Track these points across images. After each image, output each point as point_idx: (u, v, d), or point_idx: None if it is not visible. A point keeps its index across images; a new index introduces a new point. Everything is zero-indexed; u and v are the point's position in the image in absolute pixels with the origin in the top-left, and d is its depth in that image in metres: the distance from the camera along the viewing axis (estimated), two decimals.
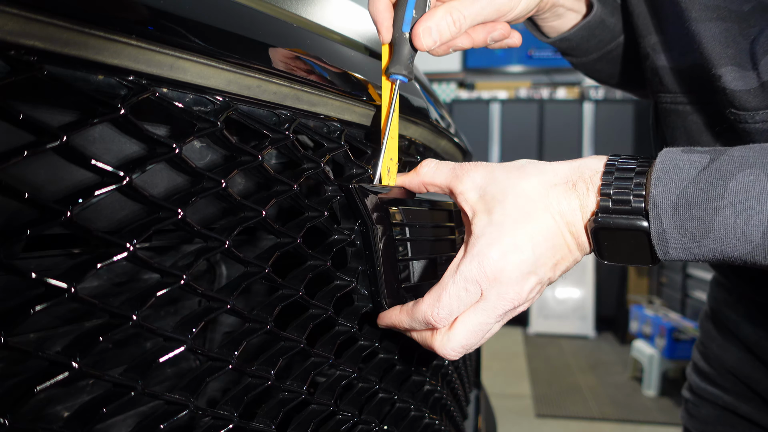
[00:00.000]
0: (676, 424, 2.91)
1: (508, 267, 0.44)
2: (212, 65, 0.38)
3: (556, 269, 0.47)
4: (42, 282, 0.28)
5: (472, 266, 0.45)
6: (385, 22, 0.51)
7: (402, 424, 0.58)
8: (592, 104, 4.89)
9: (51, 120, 0.32)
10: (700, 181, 0.41)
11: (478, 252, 0.45)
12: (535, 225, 0.45)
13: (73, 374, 0.30)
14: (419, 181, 0.52)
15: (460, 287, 0.45)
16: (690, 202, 0.41)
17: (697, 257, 0.43)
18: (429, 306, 0.46)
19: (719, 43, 0.53)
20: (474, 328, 0.46)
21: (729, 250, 0.41)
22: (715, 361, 0.76)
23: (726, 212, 0.40)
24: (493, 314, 0.46)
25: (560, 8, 0.66)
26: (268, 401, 0.45)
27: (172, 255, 0.57)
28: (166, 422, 0.35)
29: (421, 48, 0.50)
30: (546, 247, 0.45)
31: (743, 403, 0.72)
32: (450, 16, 0.50)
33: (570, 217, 0.45)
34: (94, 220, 0.37)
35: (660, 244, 0.43)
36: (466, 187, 0.48)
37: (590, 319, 4.49)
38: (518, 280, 0.45)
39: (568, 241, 0.46)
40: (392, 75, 0.51)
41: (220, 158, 0.44)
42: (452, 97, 5.29)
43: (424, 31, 0.49)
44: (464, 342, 0.46)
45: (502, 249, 0.45)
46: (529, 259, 0.45)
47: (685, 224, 0.41)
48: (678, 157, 0.43)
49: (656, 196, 0.42)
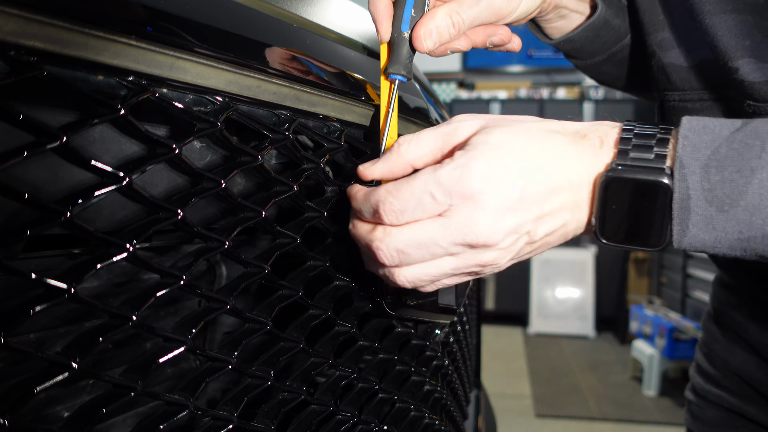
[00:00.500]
0: (675, 424, 2.91)
1: (488, 191, 0.38)
2: (212, 65, 0.38)
3: (539, 223, 0.40)
4: (42, 282, 0.28)
5: (452, 174, 0.39)
6: (385, 21, 0.50)
7: (402, 424, 0.58)
8: (592, 104, 4.89)
9: (51, 120, 0.32)
10: (734, 140, 0.37)
11: (463, 163, 0.39)
12: (532, 162, 0.39)
13: (73, 375, 0.30)
14: (404, 162, 0.44)
15: (428, 189, 0.39)
16: (722, 163, 0.37)
17: (717, 237, 0.38)
18: (386, 192, 0.41)
19: (735, 35, 0.51)
20: (421, 240, 0.40)
21: (758, 224, 0.36)
22: (719, 362, 0.75)
23: (764, 173, 0.36)
24: (450, 238, 0.39)
25: (563, 10, 0.65)
26: (268, 401, 0.45)
27: (172, 255, 0.57)
28: (166, 422, 0.35)
29: (421, 50, 0.50)
30: (537, 191, 0.39)
31: (750, 406, 0.70)
32: (450, 18, 0.49)
33: (573, 165, 0.40)
34: (94, 221, 0.37)
35: (681, 214, 0.38)
36: (464, 134, 0.42)
37: (590, 319, 4.49)
38: (496, 212, 0.38)
39: (565, 193, 0.40)
40: (391, 75, 0.51)
41: (220, 159, 0.44)
42: (452, 97, 5.29)
43: (425, 33, 0.49)
44: (402, 246, 0.40)
45: (491, 169, 0.39)
46: (514, 194, 0.39)
47: (715, 189, 0.37)
48: (706, 120, 0.39)
49: (683, 155, 0.38)
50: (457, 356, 0.82)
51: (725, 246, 0.38)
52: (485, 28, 0.56)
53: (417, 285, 0.43)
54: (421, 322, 0.64)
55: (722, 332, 0.75)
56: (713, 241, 0.38)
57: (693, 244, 0.39)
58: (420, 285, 0.43)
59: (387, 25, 0.50)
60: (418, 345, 0.63)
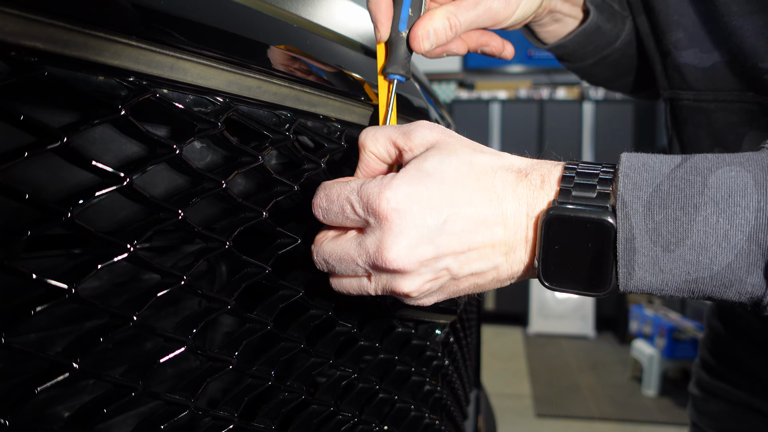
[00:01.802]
0: (676, 423, 2.91)
1: (405, 216, 0.37)
2: (212, 66, 0.38)
3: (463, 261, 0.38)
4: (42, 282, 0.28)
5: (373, 189, 0.37)
6: (385, 21, 0.50)
7: (402, 424, 0.58)
8: (592, 104, 4.89)
9: (51, 121, 0.32)
10: (675, 177, 0.36)
11: (387, 182, 0.37)
12: (463, 196, 0.38)
13: (73, 375, 0.30)
14: (366, 152, 0.43)
15: (350, 198, 0.38)
16: (665, 201, 0.36)
17: (664, 280, 0.36)
18: (322, 187, 0.40)
19: (764, 35, 0.51)
20: (340, 255, 0.39)
21: (705, 263, 0.35)
22: (724, 357, 0.76)
23: (708, 210, 0.35)
24: (363, 258, 0.38)
25: (557, 14, 0.66)
26: (269, 401, 0.45)
27: (173, 255, 0.57)
28: (166, 422, 0.35)
29: (418, 51, 0.50)
30: (462, 227, 0.37)
31: (757, 398, 0.71)
32: (447, 20, 0.50)
33: (510, 206, 0.38)
34: (95, 221, 0.37)
35: (626, 255, 0.36)
36: (415, 143, 0.41)
37: (590, 319, 4.49)
38: (409, 240, 0.37)
39: (497, 232, 0.38)
40: (390, 75, 0.51)
41: (221, 159, 0.44)
42: (452, 97, 5.29)
43: (423, 34, 0.49)
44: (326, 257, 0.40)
45: (412, 195, 0.37)
46: (431, 224, 0.37)
47: (659, 227, 0.35)
48: (645, 157, 0.38)
49: (625, 194, 0.36)
50: (457, 356, 0.82)
51: (672, 288, 0.37)
52: (480, 35, 0.57)
53: (351, 294, 0.42)
54: (422, 322, 0.64)
55: (726, 327, 0.76)
56: (660, 284, 0.37)
57: (639, 287, 0.37)
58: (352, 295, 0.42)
59: (387, 25, 0.51)
60: (419, 345, 0.63)
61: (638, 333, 3.58)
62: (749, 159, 0.36)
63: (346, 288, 0.42)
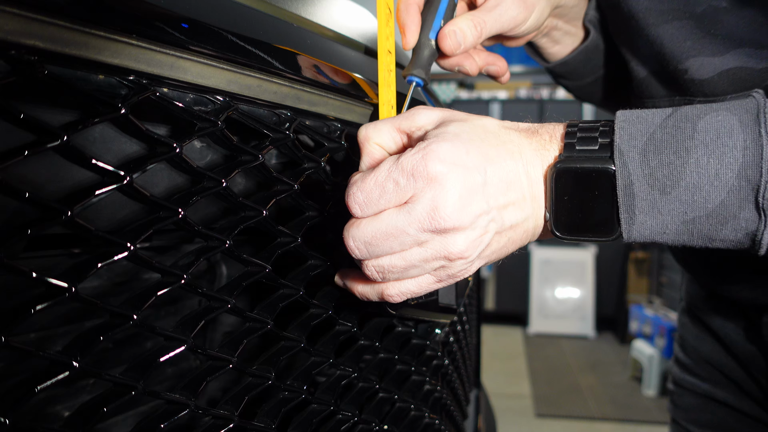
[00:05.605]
0: None
1: (453, 173, 0.37)
2: (213, 65, 0.38)
3: (504, 212, 0.40)
4: (43, 281, 0.28)
5: (414, 157, 0.38)
6: (414, 28, 0.54)
7: (402, 423, 0.58)
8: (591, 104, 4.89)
9: (52, 120, 0.32)
10: (667, 125, 0.39)
11: (425, 146, 0.38)
12: (491, 152, 0.40)
13: (73, 374, 0.30)
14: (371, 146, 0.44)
15: (391, 176, 0.38)
16: (659, 146, 0.38)
17: (664, 222, 0.39)
18: (352, 184, 0.40)
19: (678, 39, 0.56)
20: (387, 230, 0.39)
21: (700, 202, 0.38)
22: (692, 352, 0.80)
23: (698, 152, 0.37)
24: (417, 223, 0.38)
25: (557, 32, 0.70)
26: (269, 401, 0.45)
27: (173, 254, 0.57)
28: (166, 422, 0.35)
29: (447, 49, 0.54)
30: (499, 178, 0.40)
31: (719, 390, 0.75)
32: (471, 21, 0.54)
33: (529, 155, 0.41)
34: (95, 220, 0.37)
35: (626, 200, 0.39)
36: (423, 122, 0.42)
37: (590, 319, 4.49)
38: (462, 195, 0.37)
39: (524, 185, 0.41)
40: (410, 77, 0.53)
41: (221, 158, 0.44)
42: (452, 97, 5.29)
43: (450, 33, 0.54)
44: (369, 238, 0.39)
45: (454, 153, 0.38)
46: (478, 179, 0.38)
47: (655, 172, 0.38)
48: (639, 111, 0.41)
49: (621, 144, 0.39)
50: (457, 356, 0.82)
51: (672, 231, 0.39)
52: (488, 54, 0.63)
53: (386, 278, 0.41)
54: (422, 321, 0.64)
55: (693, 323, 0.80)
56: (661, 227, 0.39)
57: (641, 231, 0.40)
58: (388, 279, 0.42)
59: (415, 33, 0.55)
60: (419, 344, 0.63)
61: (638, 333, 3.58)
62: (735, 104, 0.39)
63: (387, 268, 0.41)
